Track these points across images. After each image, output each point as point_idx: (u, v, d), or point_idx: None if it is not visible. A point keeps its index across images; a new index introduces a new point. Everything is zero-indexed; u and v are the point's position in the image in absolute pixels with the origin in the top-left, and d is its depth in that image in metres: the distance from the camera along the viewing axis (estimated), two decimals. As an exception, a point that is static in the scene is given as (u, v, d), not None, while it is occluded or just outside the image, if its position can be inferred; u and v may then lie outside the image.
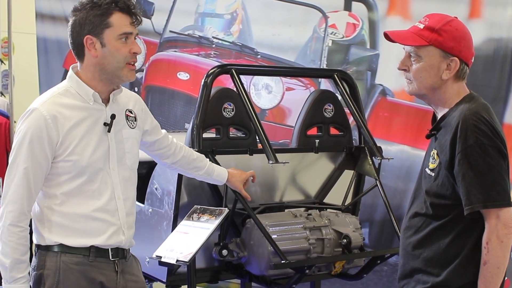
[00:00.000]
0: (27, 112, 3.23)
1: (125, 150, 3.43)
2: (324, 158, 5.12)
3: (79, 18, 3.25)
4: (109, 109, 3.37)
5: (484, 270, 2.93)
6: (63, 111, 3.24)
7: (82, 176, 3.26)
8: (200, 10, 8.09)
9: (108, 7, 3.24)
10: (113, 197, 3.35)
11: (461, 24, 3.12)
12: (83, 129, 3.26)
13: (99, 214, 3.31)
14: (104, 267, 3.34)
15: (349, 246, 4.55)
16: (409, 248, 3.16)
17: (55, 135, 3.20)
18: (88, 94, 3.30)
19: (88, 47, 3.25)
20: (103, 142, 3.33)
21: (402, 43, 3.15)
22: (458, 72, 3.09)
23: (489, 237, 2.92)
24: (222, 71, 4.71)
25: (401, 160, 6.57)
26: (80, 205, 3.28)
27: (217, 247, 4.42)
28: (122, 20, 3.26)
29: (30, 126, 3.19)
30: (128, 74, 3.32)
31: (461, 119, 2.97)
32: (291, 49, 7.46)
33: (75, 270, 3.27)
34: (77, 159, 3.24)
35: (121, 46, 3.27)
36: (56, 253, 3.27)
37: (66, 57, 8.67)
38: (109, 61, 3.26)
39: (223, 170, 4.25)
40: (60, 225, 3.27)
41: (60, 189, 3.27)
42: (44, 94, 3.33)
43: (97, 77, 3.31)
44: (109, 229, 3.34)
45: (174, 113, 7.75)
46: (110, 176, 3.35)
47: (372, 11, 7.08)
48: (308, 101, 5.09)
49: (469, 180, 2.92)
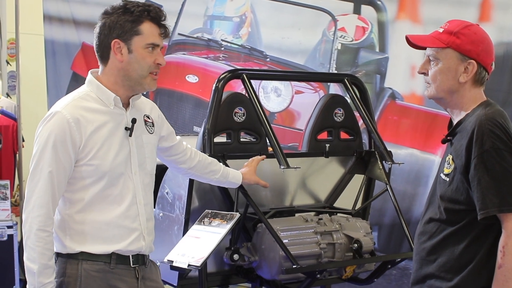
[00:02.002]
0: (48, 116, 3.20)
1: (145, 155, 3.42)
2: (334, 162, 5.12)
3: (109, 21, 3.25)
4: (129, 113, 3.37)
5: (499, 273, 2.92)
6: (85, 114, 3.22)
7: (104, 180, 3.24)
8: (209, 13, 8.10)
9: (140, 14, 3.24)
10: (134, 202, 3.33)
11: (481, 30, 3.12)
12: (105, 133, 3.25)
13: (121, 220, 3.29)
14: (125, 274, 3.33)
15: (360, 251, 4.55)
16: (423, 253, 3.16)
17: (78, 138, 3.18)
18: (109, 98, 3.29)
19: (114, 50, 3.25)
20: (125, 147, 3.32)
21: (420, 45, 3.16)
22: (475, 76, 3.09)
23: (505, 241, 2.90)
24: (233, 76, 4.70)
25: (410, 164, 6.56)
26: (101, 211, 3.26)
27: (228, 252, 4.40)
28: (151, 30, 3.27)
29: (53, 129, 3.16)
30: (151, 83, 3.32)
31: (477, 124, 2.96)
32: (300, 52, 7.46)
33: (96, 277, 3.25)
34: (99, 163, 3.22)
35: (147, 55, 3.27)
36: (77, 261, 3.25)
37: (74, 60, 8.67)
38: (134, 68, 3.27)
39: (237, 172, 4.25)
40: (82, 233, 3.25)
41: (82, 194, 3.24)
42: (64, 98, 3.31)
43: (119, 82, 3.30)
44: (130, 235, 3.32)
45: (182, 116, 7.74)
46: (132, 181, 3.33)
47: (381, 14, 7.08)
48: (319, 106, 5.09)
49: (485, 185, 2.91)
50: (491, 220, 2.93)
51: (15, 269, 7.09)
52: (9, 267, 7.02)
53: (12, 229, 7.06)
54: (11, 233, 7.04)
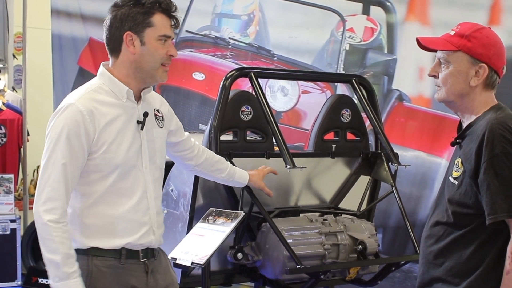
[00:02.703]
0: (61, 108, 3.18)
1: (156, 149, 3.41)
2: (340, 163, 5.11)
3: (120, 14, 3.24)
4: (141, 107, 3.37)
5: (506, 280, 2.89)
6: (98, 107, 3.21)
7: (116, 173, 3.23)
8: (217, 11, 8.09)
9: (151, 6, 3.24)
10: (145, 196, 3.32)
11: (493, 33, 3.10)
12: (118, 126, 3.24)
13: (131, 214, 3.28)
14: (134, 268, 3.32)
15: (364, 252, 4.53)
16: (430, 257, 3.13)
17: (92, 131, 3.16)
18: (122, 91, 3.29)
19: (127, 43, 3.24)
20: (136, 140, 3.31)
21: (431, 47, 3.13)
22: (487, 79, 3.06)
23: None
24: (241, 74, 4.70)
25: (416, 166, 6.54)
26: (112, 205, 3.25)
27: (232, 250, 4.40)
28: (163, 22, 3.27)
29: (67, 122, 3.14)
30: (162, 75, 3.32)
31: (487, 128, 2.94)
32: (308, 52, 7.45)
33: (107, 273, 3.25)
34: (112, 156, 3.21)
35: (160, 47, 3.26)
36: (88, 256, 3.24)
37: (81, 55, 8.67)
38: (147, 60, 3.26)
39: (244, 172, 4.24)
40: (92, 227, 3.24)
41: (93, 187, 3.23)
42: (76, 91, 3.29)
43: (131, 74, 3.30)
44: (141, 229, 3.32)
45: (188, 113, 7.73)
46: (143, 174, 3.32)
47: (390, 15, 7.06)
48: (326, 106, 5.08)
49: (494, 189, 2.89)
50: (499, 225, 2.91)
51: (18, 263, 7.10)
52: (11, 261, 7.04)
53: (15, 223, 7.08)
54: (14, 227, 7.05)
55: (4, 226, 6.96)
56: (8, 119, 7.97)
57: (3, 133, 7.94)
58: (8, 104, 8.17)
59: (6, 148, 7.96)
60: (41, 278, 7.15)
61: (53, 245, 3.08)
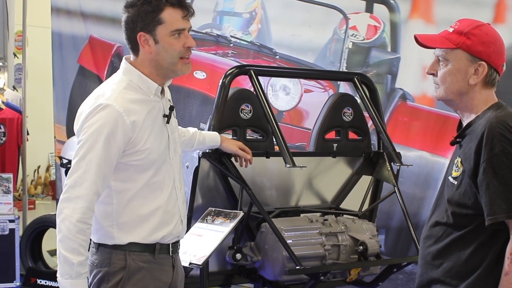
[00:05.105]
0: (97, 107, 3.18)
1: (176, 140, 3.49)
2: (342, 163, 5.09)
3: (131, 15, 3.26)
4: (164, 100, 3.41)
5: (505, 281, 2.86)
6: (133, 106, 3.24)
7: (152, 169, 3.29)
8: (218, 8, 8.08)
9: (158, 3, 3.23)
10: (174, 186, 3.39)
11: (492, 30, 3.05)
12: (150, 123, 3.29)
13: (165, 206, 3.35)
14: (165, 263, 3.40)
15: (365, 253, 4.52)
16: (428, 257, 3.10)
17: (130, 131, 3.20)
18: (151, 88, 3.32)
19: (142, 44, 3.27)
20: (164, 134, 3.37)
21: (429, 45, 3.10)
22: (486, 77, 3.02)
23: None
24: (241, 71, 4.68)
25: (420, 167, 6.50)
26: (148, 199, 3.31)
27: (231, 251, 4.39)
28: (174, 15, 3.25)
29: (106, 122, 3.16)
30: (183, 68, 3.34)
31: (487, 127, 2.90)
32: (310, 50, 7.42)
33: (143, 268, 3.32)
34: (149, 153, 3.27)
35: (175, 42, 3.26)
36: (124, 252, 3.30)
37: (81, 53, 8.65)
38: (163, 57, 3.27)
39: (214, 134, 4.30)
40: (130, 222, 3.30)
41: (130, 184, 3.28)
42: (107, 89, 3.28)
43: (154, 72, 3.31)
44: (173, 219, 3.39)
45: (189, 112, 7.73)
46: (172, 166, 3.40)
47: (394, 13, 7.02)
48: (327, 104, 5.05)
49: (494, 190, 2.85)
50: (499, 226, 2.87)
51: (16, 263, 7.06)
52: (10, 262, 7.01)
53: (14, 223, 7.04)
54: (13, 227, 7.02)
55: (3, 226, 6.93)
56: (8, 118, 7.99)
57: (2, 132, 7.96)
58: (8, 103, 8.18)
59: (5, 148, 7.97)
60: (40, 279, 7.18)
61: (73, 245, 3.12)
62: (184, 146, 4.02)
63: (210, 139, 4.24)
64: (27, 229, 7.59)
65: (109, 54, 8.50)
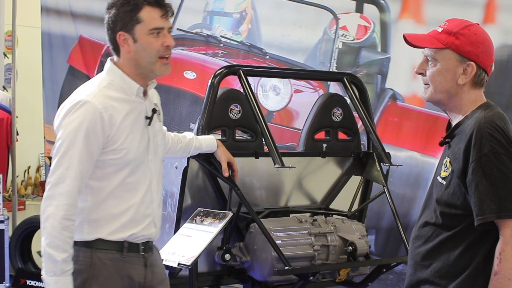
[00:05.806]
0: (76, 104, 3.21)
1: (158, 143, 3.49)
2: (331, 163, 5.08)
3: (111, 16, 3.29)
4: (147, 102, 3.41)
5: (494, 280, 2.86)
6: (113, 104, 3.26)
7: (128, 169, 3.30)
8: (208, 9, 8.08)
9: (136, 2, 3.26)
10: (149, 189, 3.39)
11: (481, 30, 3.05)
12: (129, 123, 3.30)
13: (137, 207, 3.34)
14: (135, 261, 3.38)
15: (355, 254, 4.52)
16: (417, 258, 3.10)
17: (108, 128, 3.22)
18: (132, 88, 3.33)
19: (121, 43, 3.30)
20: (144, 135, 3.38)
21: (418, 45, 3.10)
22: (475, 78, 3.01)
23: (503, 248, 2.84)
24: (230, 72, 4.69)
25: (410, 167, 6.50)
26: (121, 198, 3.31)
27: (220, 251, 4.38)
28: (152, 14, 3.27)
29: (84, 119, 3.18)
30: (162, 68, 3.34)
31: (476, 127, 2.90)
32: (300, 51, 7.42)
33: (109, 266, 3.31)
34: (126, 152, 3.28)
35: (153, 41, 3.28)
36: (91, 249, 3.30)
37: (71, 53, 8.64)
38: (142, 56, 3.29)
39: (211, 138, 4.31)
40: (100, 220, 3.30)
41: (105, 182, 3.29)
42: (88, 87, 3.32)
43: (133, 71, 3.33)
44: (144, 221, 3.38)
45: (179, 112, 7.73)
46: (149, 168, 3.39)
47: (384, 13, 7.02)
48: (317, 105, 5.05)
49: (483, 190, 2.85)
50: (488, 226, 2.87)
51: (6, 264, 7.02)
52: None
53: (4, 224, 6.99)
54: (2, 228, 6.98)
55: (-8, 226, 6.89)
56: (-3, 119, 7.95)
57: (-9, 132, 7.91)
58: (-3, 103, 8.13)
59: (-6, 148, 7.93)
60: (30, 280, 7.13)
61: (58, 242, 3.15)
62: (181, 152, 4.07)
63: (207, 145, 4.26)
64: (17, 229, 7.56)
65: (99, 54, 8.49)
